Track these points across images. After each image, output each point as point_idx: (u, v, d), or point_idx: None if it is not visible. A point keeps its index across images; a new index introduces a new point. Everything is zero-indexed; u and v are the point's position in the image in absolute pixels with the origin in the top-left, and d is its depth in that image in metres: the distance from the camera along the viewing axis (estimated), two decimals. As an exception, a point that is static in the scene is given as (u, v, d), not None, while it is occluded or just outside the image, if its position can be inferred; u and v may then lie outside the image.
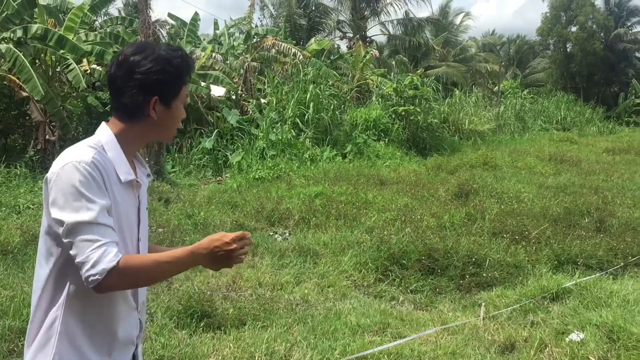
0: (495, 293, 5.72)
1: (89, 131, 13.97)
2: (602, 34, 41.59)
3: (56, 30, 12.44)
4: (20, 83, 11.96)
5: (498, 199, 9.45)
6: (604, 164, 14.53)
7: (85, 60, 13.68)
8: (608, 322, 4.61)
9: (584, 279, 5.81)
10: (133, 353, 1.92)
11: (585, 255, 6.55)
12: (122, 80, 1.79)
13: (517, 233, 7.31)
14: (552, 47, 44.53)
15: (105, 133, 1.81)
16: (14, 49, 11.54)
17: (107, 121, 1.87)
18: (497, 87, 34.19)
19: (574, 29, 41.38)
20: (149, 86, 1.78)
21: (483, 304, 5.39)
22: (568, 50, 42.20)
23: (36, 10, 12.75)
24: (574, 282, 5.66)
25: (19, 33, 11.79)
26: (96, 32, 14.86)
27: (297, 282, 5.95)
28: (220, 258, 1.71)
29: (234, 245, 1.70)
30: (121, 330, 1.82)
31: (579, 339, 4.45)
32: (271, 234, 7.87)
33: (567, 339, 4.50)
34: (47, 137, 12.51)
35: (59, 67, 13.30)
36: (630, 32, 42.98)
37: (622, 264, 6.42)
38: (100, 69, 14.66)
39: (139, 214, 1.87)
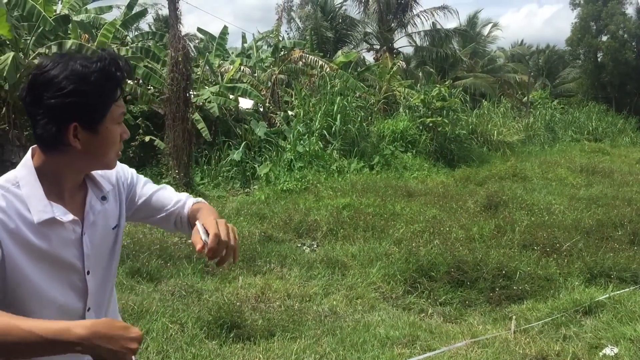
0: (526, 306, 5.66)
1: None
2: (634, 44, 40.95)
3: (90, 45, 12.73)
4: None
5: (528, 210, 9.35)
6: (637, 175, 14.26)
7: (116, 74, 13.94)
8: (643, 336, 4.53)
9: (618, 292, 5.71)
10: None
11: (618, 268, 6.44)
12: (32, 108, 1.45)
13: (548, 245, 7.22)
14: (582, 57, 43.95)
15: (24, 165, 1.52)
16: (49, 64, 11.84)
17: (34, 147, 1.55)
18: (526, 98, 33.85)
19: (604, 38, 40.83)
20: (62, 112, 1.43)
21: (514, 317, 5.33)
22: (599, 60, 41.61)
23: (70, 26, 13.07)
24: (608, 295, 5.57)
25: (54, 49, 12.09)
26: (127, 47, 15.15)
27: (326, 293, 5.96)
28: (110, 353, 1.26)
29: (134, 346, 1.28)
30: None
31: (613, 354, 4.37)
32: (299, 245, 7.90)
33: (600, 354, 4.43)
34: (78, 149, 12.76)
35: (91, 81, 13.59)
36: (663, 41, 42.27)
37: (657, 277, 6.30)
38: (132, 82, 14.93)
39: (83, 247, 1.56)
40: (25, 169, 1.51)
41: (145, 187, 1.85)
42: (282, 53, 20.32)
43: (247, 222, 8.64)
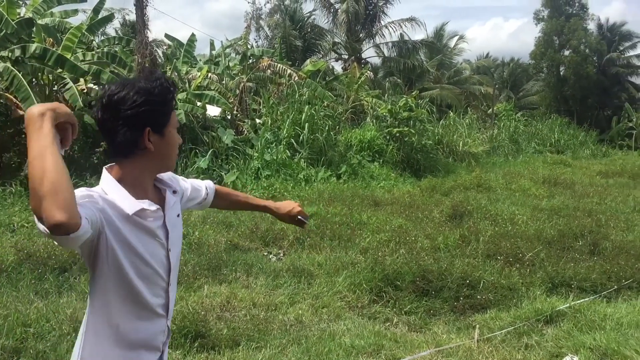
0: (490, 315, 5.72)
1: (85, 150, 14.00)
2: (595, 58, 42.06)
3: (55, 49, 12.52)
4: (17, 102, 12.00)
5: (492, 220, 9.48)
6: (597, 187, 14.61)
7: (82, 79, 13.75)
8: (602, 345, 4.62)
9: (578, 301, 5.82)
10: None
11: (579, 278, 6.56)
12: (111, 121, 1.81)
13: (511, 255, 7.32)
14: (545, 71, 44.97)
15: (105, 179, 1.87)
16: (12, 67, 11.59)
17: (107, 167, 1.91)
18: (491, 110, 34.43)
19: (567, 52, 41.84)
20: (138, 120, 1.81)
21: (477, 326, 5.39)
22: (561, 73, 42.61)
23: (34, 29, 12.83)
24: (568, 305, 5.68)
25: (17, 52, 11.85)
26: (93, 52, 14.95)
27: (291, 302, 5.94)
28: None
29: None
30: (138, 335, 1.92)
31: (573, 362, 4.45)
32: (265, 254, 7.86)
33: (561, 362, 4.50)
34: (42, 155, 12.51)
35: (55, 86, 13.35)
36: (622, 56, 43.52)
37: (615, 287, 6.44)
38: (97, 88, 14.70)
39: (166, 227, 1.97)
40: (106, 181, 1.87)
41: (182, 183, 2.28)
42: (250, 61, 20.29)
43: (213, 231, 8.57)
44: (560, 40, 42.06)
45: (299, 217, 2.67)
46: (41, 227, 1.51)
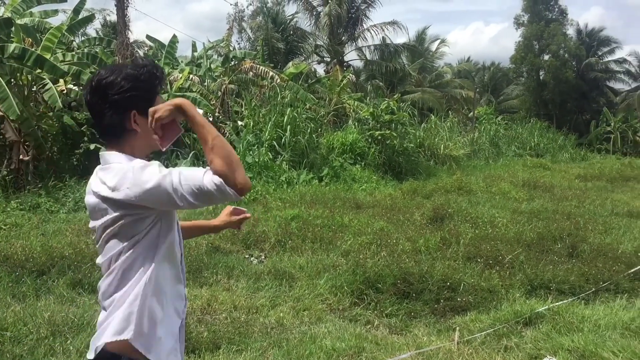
0: (470, 317, 5.75)
1: (64, 151, 13.85)
2: (574, 63, 42.51)
3: (34, 50, 12.37)
4: (-5, 102, 11.83)
5: (472, 223, 9.54)
6: (576, 190, 14.77)
7: (61, 80, 13.60)
8: (580, 346, 4.68)
9: (557, 304, 5.87)
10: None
11: (557, 281, 6.63)
12: (99, 105, 1.96)
13: (491, 258, 7.37)
14: (525, 75, 45.35)
15: (121, 157, 1.97)
16: (-11, 67, 11.44)
17: (106, 152, 2.01)
18: (471, 113, 34.67)
19: (546, 57, 42.24)
20: (125, 103, 1.95)
21: (457, 328, 5.41)
22: (541, 78, 43.02)
23: (13, 29, 12.67)
24: (547, 307, 5.73)
25: (-5, 52, 11.70)
26: (73, 53, 14.80)
27: (273, 305, 5.93)
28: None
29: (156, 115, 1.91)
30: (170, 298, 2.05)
31: (552, 364, 4.49)
32: (247, 256, 7.83)
33: (539, 364, 4.53)
34: (21, 157, 12.37)
35: (34, 86, 13.19)
36: (601, 61, 44.04)
37: (593, 289, 6.51)
38: (77, 89, 14.57)
39: None
40: (127, 158, 1.97)
41: None
42: (232, 63, 20.23)
43: (194, 233, 8.51)
44: (540, 45, 42.45)
45: (235, 207, 2.77)
46: (228, 190, 1.80)
